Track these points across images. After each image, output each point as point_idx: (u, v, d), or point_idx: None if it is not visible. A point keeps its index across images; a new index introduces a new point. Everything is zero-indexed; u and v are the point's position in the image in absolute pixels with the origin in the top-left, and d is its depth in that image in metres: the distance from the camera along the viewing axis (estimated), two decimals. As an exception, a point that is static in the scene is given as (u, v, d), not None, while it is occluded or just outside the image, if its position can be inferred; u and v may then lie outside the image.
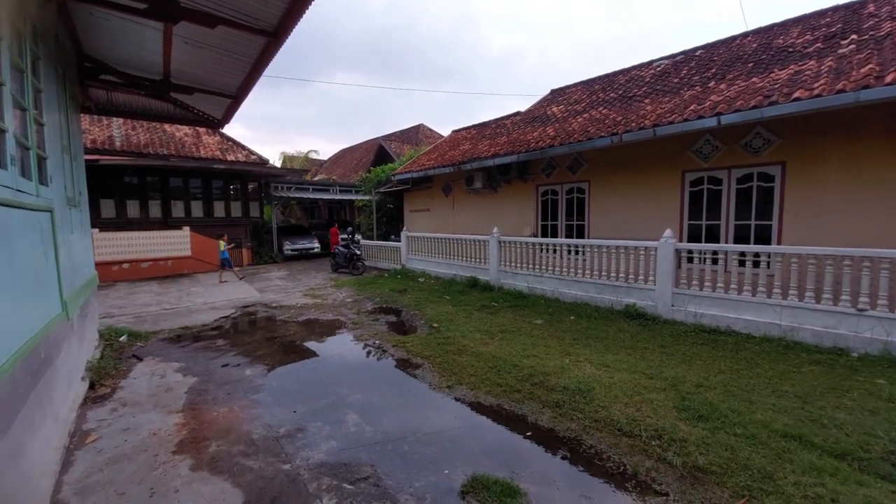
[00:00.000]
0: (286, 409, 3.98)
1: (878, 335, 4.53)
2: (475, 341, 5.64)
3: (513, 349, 5.24)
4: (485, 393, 4.15)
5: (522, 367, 4.63)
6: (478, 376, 4.51)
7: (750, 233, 6.78)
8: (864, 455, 2.84)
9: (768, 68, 7.13)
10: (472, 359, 5.00)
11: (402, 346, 5.65)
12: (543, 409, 3.78)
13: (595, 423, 3.48)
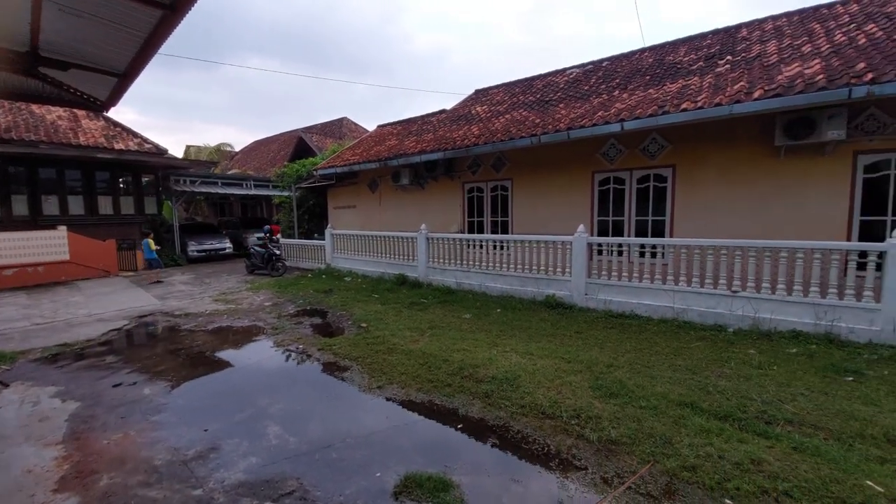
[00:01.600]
0: (195, 429, 3.58)
1: (748, 312, 5.38)
2: (405, 339, 5.60)
3: (443, 344, 5.29)
4: (416, 390, 4.13)
5: (452, 361, 4.69)
6: (409, 374, 4.48)
7: (648, 227, 7.64)
8: (743, 416, 3.34)
9: (662, 82, 8.05)
10: (403, 357, 4.95)
11: (328, 349, 5.41)
12: (473, 400, 3.87)
13: (521, 408, 3.65)
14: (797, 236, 6.03)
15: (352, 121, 25.57)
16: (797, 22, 8.39)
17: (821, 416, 3.26)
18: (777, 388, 3.75)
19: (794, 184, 6.37)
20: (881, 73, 5.29)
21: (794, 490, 2.49)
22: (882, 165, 5.93)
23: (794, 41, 7.45)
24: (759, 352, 4.63)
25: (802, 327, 5.04)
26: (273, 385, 4.57)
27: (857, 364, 4.18)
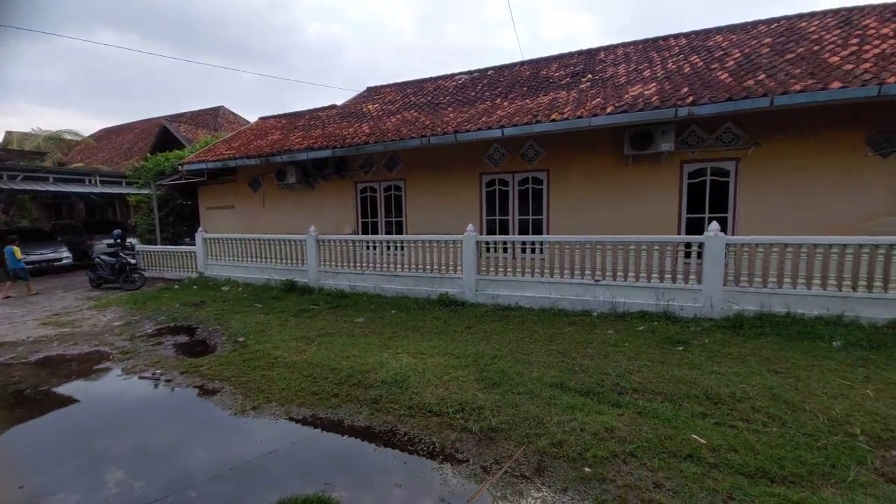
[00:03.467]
0: (7, 487, 2.81)
1: (608, 298, 6.17)
2: (290, 350, 5.18)
3: (331, 352, 5.01)
4: (298, 406, 3.83)
5: (341, 369, 4.47)
6: (290, 389, 4.13)
7: (529, 225, 8.32)
8: (601, 390, 3.77)
9: (537, 93, 8.82)
10: (285, 371, 4.56)
11: (194, 372, 4.74)
12: (361, 407, 3.72)
13: (409, 410, 3.61)
14: (644, 231, 7.10)
15: (230, 111, 23.00)
16: (641, 50, 9.92)
17: (659, 382, 3.86)
18: (627, 361, 4.34)
19: (640, 187, 7.52)
20: (699, 97, 6.51)
21: (638, 450, 2.87)
22: (701, 172, 7.31)
23: (638, 66, 8.79)
24: (616, 331, 5.33)
25: (648, 308, 5.96)
26: (118, 422, 3.83)
27: (685, 336, 5.06)
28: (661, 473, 2.67)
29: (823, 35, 7.62)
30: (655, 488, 2.56)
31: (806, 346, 4.55)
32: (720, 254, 5.59)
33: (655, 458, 2.81)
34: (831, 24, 8.02)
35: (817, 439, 2.92)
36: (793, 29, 8.34)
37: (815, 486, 2.51)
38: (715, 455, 2.80)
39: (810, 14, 8.80)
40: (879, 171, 6.34)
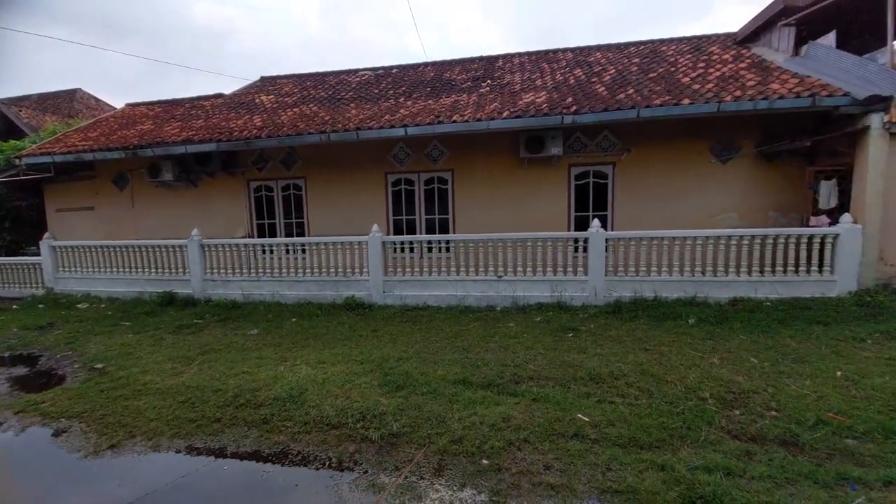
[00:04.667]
0: None
1: (509, 293, 6.49)
2: (163, 374, 4.49)
3: (216, 372, 4.46)
4: (170, 437, 3.31)
5: (226, 389, 3.99)
6: (162, 419, 3.57)
7: (436, 224, 8.41)
8: (500, 381, 3.91)
9: (440, 95, 8.94)
10: (156, 398, 3.94)
11: (33, 410, 3.87)
12: (249, 430, 3.36)
13: (305, 426, 3.35)
14: (540, 228, 7.61)
15: (91, 95, 19.46)
16: (534, 60, 10.65)
17: (551, 368, 4.13)
18: (525, 351, 4.59)
19: (535, 187, 8.06)
20: (581, 106, 7.17)
21: (531, 436, 3.02)
22: (586, 175, 8.08)
23: (531, 75, 9.41)
24: (517, 324, 5.62)
25: (544, 300, 6.39)
26: None
27: (575, 323, 5.53)
28: (551, 455, 2.83)
29: (678, 59, 8.95)
30: (546, 470, 2.70)
31: (669, 325, 5.27)
32: (601, 248, 6.22)
33: (546, 441, 2.98)
34: (685, 50, 9.47)
35: (676, 406, 3.37)
36: (656, 51, 9.67)
37: (675, 448, 2.87)
38: (596, 431, 3.06)
39: (669, 39, 10.28)
40: (720, 175, 7.64)
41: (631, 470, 2.64)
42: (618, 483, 2.53)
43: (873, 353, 4.23)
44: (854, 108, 6.13)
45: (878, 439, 2.84)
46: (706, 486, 2.40)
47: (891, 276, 6.18)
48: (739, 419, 3.17)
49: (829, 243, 5.92)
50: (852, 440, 2.87)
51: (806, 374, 3.82)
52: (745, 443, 2.91)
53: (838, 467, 2.59)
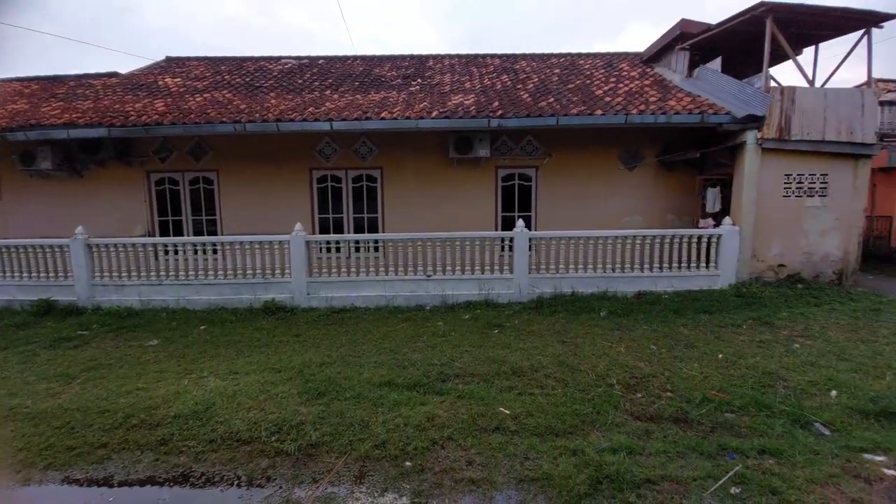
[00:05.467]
0: None
1: (438, 292, 6.52)
2: (35, 395, 3.82)
3: (103, 390, 3.89)
4: (42, 469, 2.81)
5: (116, 409, 3.49)
6: (32, 448, 3.02)
7: (364, 223, 8.20)
8: (427, 381, 3.89)
9: (368, 90, 8.72)
10: (25, 425, 3.33)
11: None
12: (142, 455, 2.96)
13: (211, 444, 3.04)
14: (469, 228, 7.75)
15: (-61, 65, 15.98)
16: (464, 63, 10.85)
17: (477, 365, 4.21)
18: (452, 349, 4.63)
19: (464, 188, 8.22)
20: (506, 111, 7.43)
21: (455, 433, 3.04)
22: (511, 177, 8.41)
23: (460, 77, 9.57)
24: (445, 322, 5.67)
25: (472, 297, 6.53)
26: None
27: (501, 319, 5.71)
28: (474, 450, 2.87)
29: (594, 72, 9.68)
30: (468, 466, 2.73)
31: (584, 318, 5.67)
32: (525, 247, 6.52)
33: (469, 436, 3.01)
34: (599, 65, 10.27)
35: (588, 393, 3.61)
36: (574, 64, 10.37)
37: (586, 432, 3.07)
38: (516, 423, 3.16)
39: (586, 54, 11.08)
40: (627, 180, 8.40)
41: (547, 457, 2.76)
42: (534, 471, 2.64)
43: (748, 337, 4.91)
44: (734, 126, 7.10)
45: (752, 412, 3.29)
46: (611, 466, 2.59)
47: (762, 271, 7.27)
48: (641, 401, 3.49)
49: (713, 243, 6.80)
50: (731, 414, 3.29)
51: (695, 357, 4.33)
52: (645, 423, 3.20)
53: (720, 439, 2.95)
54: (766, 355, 4.35)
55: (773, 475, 2.54)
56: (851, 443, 2.86)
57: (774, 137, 6.89)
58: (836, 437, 2.96)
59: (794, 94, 6.89)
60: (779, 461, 2.68)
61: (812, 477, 2.51)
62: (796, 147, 6.97)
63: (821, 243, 7.28)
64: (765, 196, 7.09)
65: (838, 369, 3.97)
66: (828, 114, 6.91)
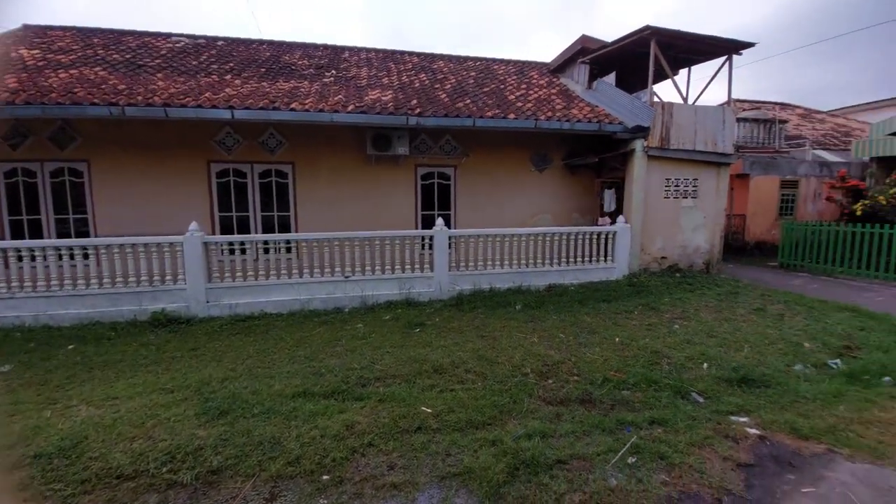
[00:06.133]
0: None
1: (357, 293, 6.30)
2: None
3: (-79, 433, 3.06)
4: None
5: (-60, 457, 2.76)
6: None
7: (275, 222, 7.61)
8: (346, 387, 3.72)
9: (276, 78, 8.10)
10: None
11: None
12: (-20, 510, 2.38)
13: (83, 485, 2.55)
14: (388, 226, 7.65)
15: None
16: (382, 58, 10.63)
17: (398, 366, 4.14)
18: (373, 352, 4.50)
19: (383, 186, 8.06)
20: (425, 109, 7.44)
21: (375, 438, 2.94)
22: (431, 176, 8.45)
23: (378, 72, 9.36)
24: (365, 324, 5.49)
25: (393, 297, 6.43)
26: None
27: (422, 318, 5.70)
28: (396, 454, 2.81)
29: (507, 78, 10.14)
30: (390, 470, 2.66)
31: (501, 313, 5.91)
32: (445, 245, 6.60)
33: (391, 440, 2.94)
34: (512, 71, 10.79)
35: (505, 384, 3.76)
36: (489, 69, 10.76)
37: (504, 422, 3.18)
38: (438, 420, 3.17)
39: (501, 60, 11.56)
40: (538, 181, 8.96)
41: (467, 451, 2.81)
42: (456, 466, 2.66)
43: (639, 321, 5.54)
44: (625, 135, 7.96)
45: (644, 388, 3.70)
46: (527, 452, 2.72)
47: (648, 263, 8.26)
48: (552, 387, 3.73)
49: (610, 239, 7.55)
50: (627, 391, 3.67)
51: (596, 342, 4.76)
52: (556, 407, 3.42)
53: (618, 415, 3.27)
54: (653, 336, 4.94)
55: (661, 442, 2.88)
56: (720, 407, 3.37)
57: (657, 146, 7.88)
58: (709, 404, 3.46)
59: (672, 108, 7.95)
60: (665, 429, 3.05)
61: (692, 440, 2.90)
62: (674, 155, 8.05)
63: (693, 238, 8.51)
64: (650, 197, 8.08)
65: (708, 345, 4.67)
66: (697, 127, 8.10)
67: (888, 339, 4.83)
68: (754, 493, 2.46)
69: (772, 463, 2.73)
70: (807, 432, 3.00)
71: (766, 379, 3.83)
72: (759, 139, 13.02)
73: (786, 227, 10.15)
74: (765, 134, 13.08)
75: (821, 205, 12.71)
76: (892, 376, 3.89)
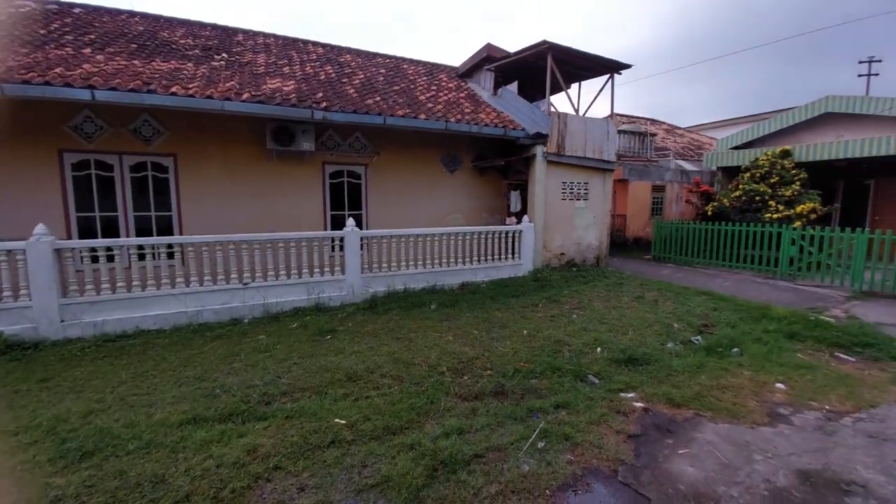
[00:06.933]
0: None
1: (259, 301, 5.74)
2: None
3: None
4: None
5: None
6: None
7: (153, 223, 6.58)
8: (246, 407, 3.34)
9: (152, 57, 7.01)
10: None
11: None
12: None
13: None
14: (294, 227, 7.13)
15: None
16: (282, 45, 9.86)
17: (307, 377, 3.86)
18: (278, 365, 4.13)
19: (286, 183, 7.49)
20: (332, 104, 7.07)
21: (283, 460, 2.69)
22: (340, 174, 8.09)
23: (278, 60, 8.66)
24: (268, 335, 5.03)
25: (300, 303, 6.00)
26: None
27: (334, 324, 5.41)
28: (306, 473, 2.60)
29: (417, 78, 10.15)
30: (300, 493, 2.45)
31: (416, 313, 5.89)
32: (357, 246, 6.36)
33: (301, 459, 2.71)
34: (422, 72, 10.83)
35: (422, 385, 3.73)
36: (398, 67, 10.66)
37: (421, 424, 3.15)
38: (353, 431, 3.01)
39: (410, 60, 11.52)
40: (450, 182, 9.14)
41: (385, 459, 2.71)
42: (373, 477, 2.55)
43: (543, 314, 5.96)
44: (527, 140, 8.51)
45: (549, 375, 3.97)
46: (445, 451, 2.73)
47: (550, 259, 8.96)
48: (467, 383, 3.81)
49: (517, 237, 8.02)
50: (535, 380, 3.90)
51: (507, 336, 5.00)
52: (471, 402, 3.49)
53: (528, 403, 3.45)
54: (555, 326, 5.36)
55: (565, 424, 3.11)
56: (612, 386, 3.76)
57: (555, 152, 8.58)
58: (603, 384, 3.84)
59: (567, 119, 8.72)
60: (568, 412, 3.31)
61: (590, 419, 3.18)
62: (569, 161, 8.84)
63: (586, 235, 9.45)
64: (550, 198, 8.77)
65: (600, 331, 5.20)
66: (587, 136, 9.00)
67: (734, 317, 5.90)
68: (642, 459, 2.79)
69: (654, 431, 3.12)
70: (679, 401, 3.50)
71: (647, 357, 4.39)
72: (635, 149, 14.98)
73: (656, 226, 11.84)
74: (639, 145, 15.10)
75: (682, 206, 15.09)
76: (739, 347, 4.74)
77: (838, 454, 2.86)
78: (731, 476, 2.63)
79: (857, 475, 2.64)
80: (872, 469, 2.70)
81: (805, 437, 3.07)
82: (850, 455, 2.85)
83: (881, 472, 2.67)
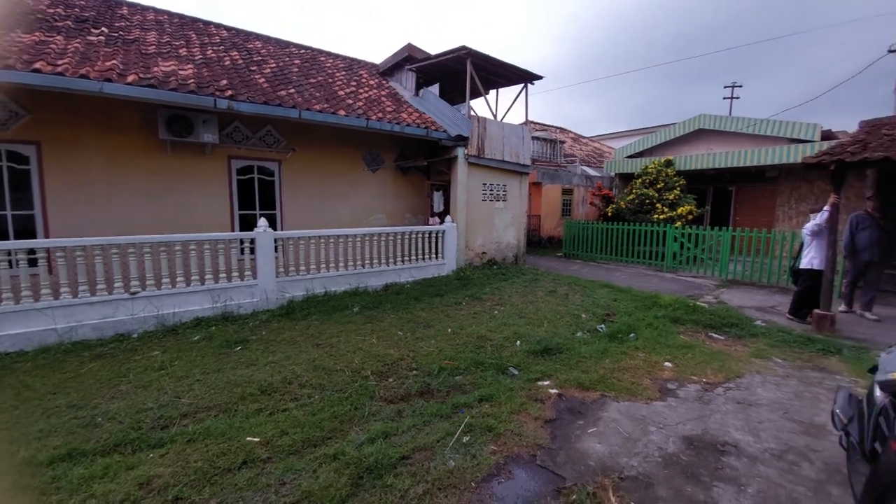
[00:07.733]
0: None
1: (151, 312, 5.05)
2: None
3: None
4: None
5: None
6: None
7: (8, 226, 5.44)
8: (137, 434, 2.91)
9: (10, 27, 5.79)
10: None
11: None
12: None
13: None
14: (195, 228, 6.42)
15: None
16: (178, 24, 8.80)
17: (213, 395, 3.49)
18: (176, 384, 3.67)
19: (184, 179, 6.71)
20: (238, 92, 6.49)
21: (185, 490, 2.39)
22: (249, 170, 7.46)
23: (173, 41, 7.72)
24: (164, 350, 4.44)
25: (203, 313, 5.41)
26: None
27: (244, 333, 4.97)
28: (213, 501, 2.34)
29: (336, 73, 9.75)
30: (206, 524, 2.20)
31: (338, 317, 5.66)
32: (270, 248, 5.92)
33: (207, 486, 2.44)
34: (341, 66, 10.43)
35: (345, 391, 3.59)
36: (315, 59, 10.15)
37: (345, 432, 3.02)
38: (269, 448, 2.79)
39: (328, 53, 11.02)
40: (372, 181, 8.94)
41: (305, 474, 2.56)
42: (292, 494, 2.39)
43: (466, 311, 6.11)
44: (449, 142, 8.67)
45: (473, 371, 4.07)
46: (370, 458, 2.65)
47: (472, 258, 9.22)
48: (392, 386, 3.75)
49: (440, 237, 8.13)
50: (460, 376, 3.97)
51: (432, 335, 5.03)
52: (397, 404, 3.45)
53: (453, 400, 3.50)
54: (478, 323, 5.53)
55: (488, 416, 3.22)
56: (530, 376, 3.98)
57: (475, 154, 8.86)
58: (522, 374, 4.05)
59: (486, 123, 9.05)
60: (491, 404, 3.43)
61: (511, 409, 3.33)
62: (488, 163, 9.19)
63: (505, 235, 9.92)
64: (471, 199, 9.04)
65: (519, 325, 5.49)
66: (505, 141, 9.45)
67: (631, 306, 6.62)
68: (557, 442, 2.99)
69: (567, 414, 3.36)
70: (587, 384, 3.83)
71: (560, 346, 4.73)
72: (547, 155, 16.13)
73: (566, 225, 12.88)
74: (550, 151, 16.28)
75: (587, 208, 16.59)
76: (635, 333, 5.32)
77: (714, 420, 3.35)
78: (631, 448, 2.93)
79: (729, 437, 3.12)
80: (742, 430, 3.21)
81: (688, 407, 3.55)
82: (724, 420, 3.36)
83: (749, 432, 3.19)
